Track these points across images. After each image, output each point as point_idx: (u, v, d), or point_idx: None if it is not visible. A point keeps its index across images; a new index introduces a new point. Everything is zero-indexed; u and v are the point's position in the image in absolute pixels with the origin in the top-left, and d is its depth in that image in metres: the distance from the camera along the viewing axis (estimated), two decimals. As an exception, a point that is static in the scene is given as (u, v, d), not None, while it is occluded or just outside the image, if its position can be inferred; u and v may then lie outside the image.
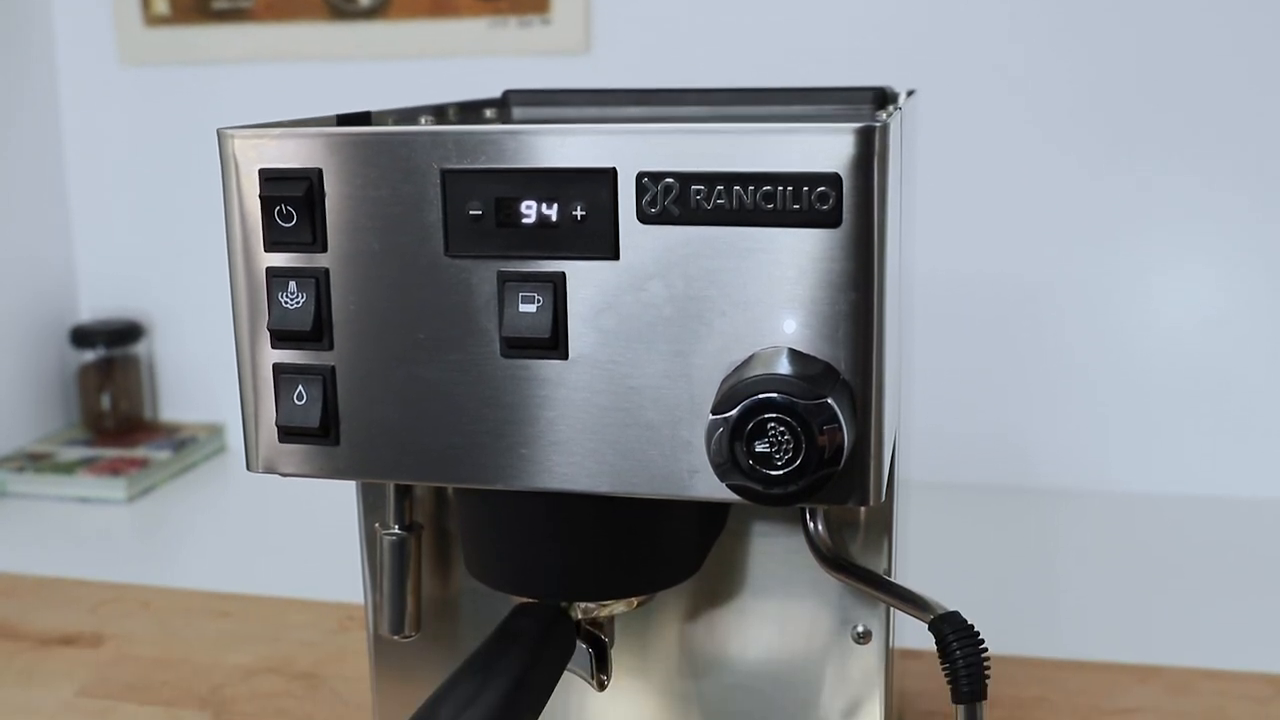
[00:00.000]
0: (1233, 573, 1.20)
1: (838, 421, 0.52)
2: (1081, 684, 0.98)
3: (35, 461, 1.52)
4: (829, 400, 0.51)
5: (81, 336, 1.60)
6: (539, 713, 0.59)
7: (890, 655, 0.71)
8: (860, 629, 0.70)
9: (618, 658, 0.71)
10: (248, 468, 0.61)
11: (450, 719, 0.55)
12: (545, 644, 0.61)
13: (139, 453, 1.54)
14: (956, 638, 0.57)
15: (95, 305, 1.66)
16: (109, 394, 1.61)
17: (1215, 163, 1.33)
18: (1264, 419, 1.37)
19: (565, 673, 0.65)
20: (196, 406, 1.66)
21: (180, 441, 1.58)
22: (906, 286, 0.68)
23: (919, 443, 1.07)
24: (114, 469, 1.49)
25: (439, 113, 0.77)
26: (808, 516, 0.67)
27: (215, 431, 1.62)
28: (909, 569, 0.82)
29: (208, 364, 1.64)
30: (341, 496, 0.79)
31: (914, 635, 0.86)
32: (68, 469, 1.49)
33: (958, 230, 1.37)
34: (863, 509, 0.68)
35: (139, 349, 1.63)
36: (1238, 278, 1.36)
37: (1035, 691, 0.97)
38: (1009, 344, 1.41)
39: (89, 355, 1.60)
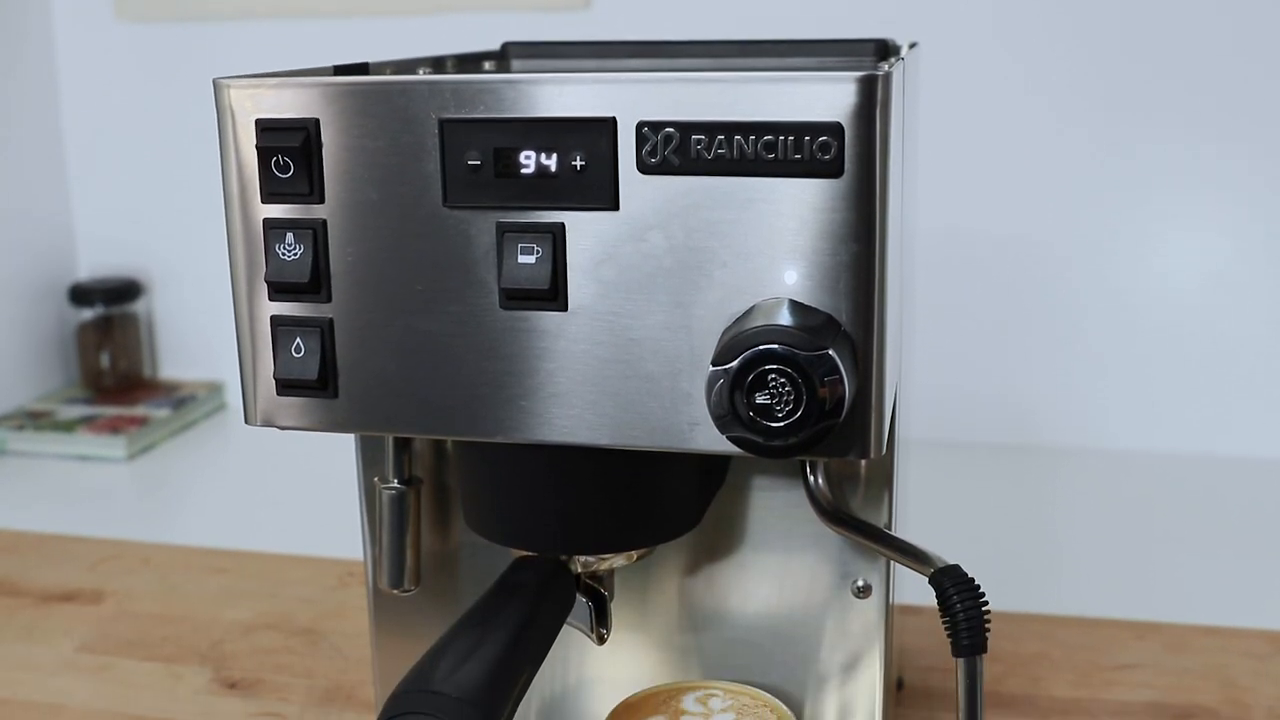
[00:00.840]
0: (1232, 531, 1.20)
1: (839, 373, 0.51)
2: (1080, 640, 0.98)
3: (35, 420, 1.51)
4: (830, 352, 0.51)
5: (80, 295, 1.60)
6: (539, 665, 0.59)
7: (890, 610, 0.71)
8: (860, 583, 0.70)
9: (617, 612, 0.71)
10: (246, 421, 0.61)
11: (450, 672, 0.55)
12: (544, 597, 0.61)
13: (138, 411, 1.54)
14: (957, 591, 0.57)
15: (94, 263, 1.66)
16: (108, 352, 1.60)
17: (1219, 125, 1.32)
18: (1265, 379, 1.36)
19: (565, 627, 0.65)
20: (196, 364, 1.65)
21: (179, 400, 1.57)
22: (908, 240, 0.67)
23: (919, 400, 1.07)
24: (113, 427, 1.48)
25: (437, 64, 0.77)
26: (808, 470, 0.67)
27: (214, 389, 1.62)
28: (909, 526, 0.82)
29: (207, 322, 1.63)
30: (340, 452, 0.79)
31: (913, 592, 0.86)
32: (67, 427, 1.49)
33: (959, 188, 1.36)
34: (863, 463, 0.68)
35: (138, 307, 1.63)
36: (1240, 239, 1.35)
37: (1034, 647, 0.97)
38: (1009, 302, 1.41)
39: (88, 313, 1.60)
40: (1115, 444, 1.40)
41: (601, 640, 0.67)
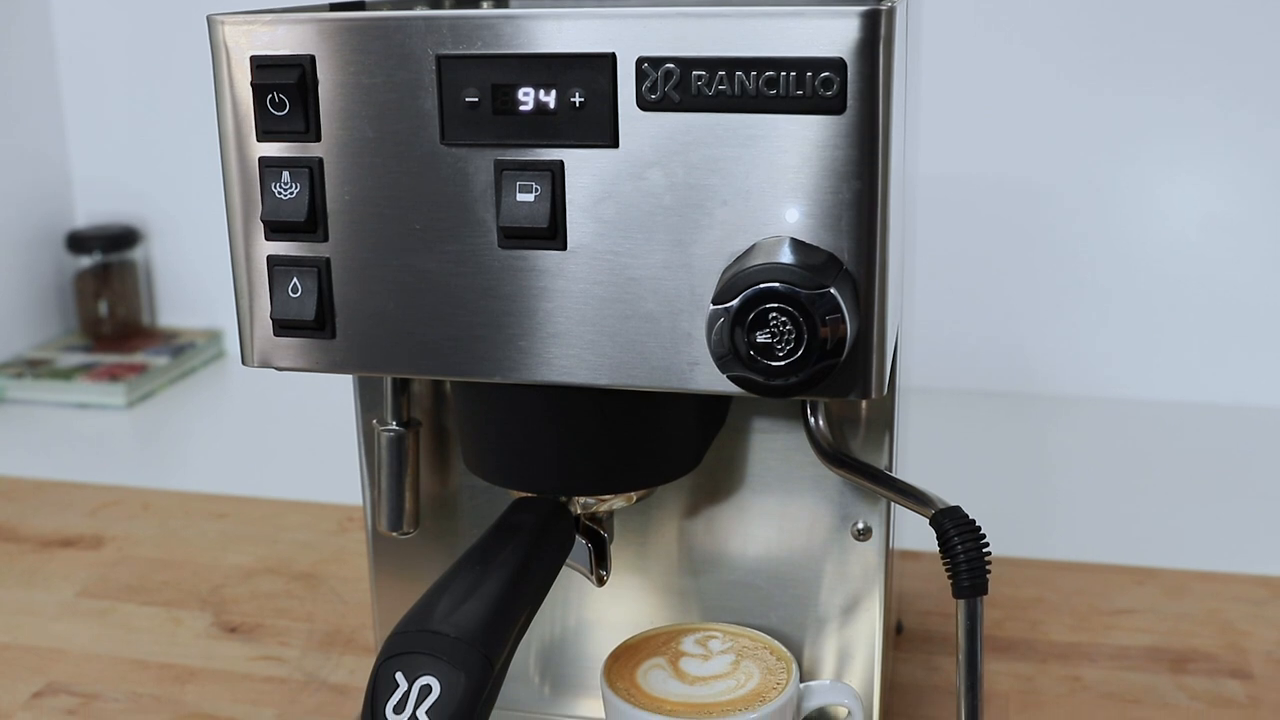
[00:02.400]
0: (1231, 478, 1.20)
1: (840, 312, 0.51)
2: (1078, 585, 0.98)
3: (34, 367, 1.51)
4: (831, 290, 0.51)
5: (78, 242, 1.59)
6: (538, 605, 0.59)
7: (890, 552, 0.71)
8: (860, 525, 0.69)
9: (617, 554, 0.71)
10: (243, 362, 0.61)
11: (449, 611, 0.55)
12: (544, 537, 0.60)
13: (137, 358, 1.54)
14: (958, 532, 0.57)
15: (91, 210, 1.65)
16: (106, 300, 1.60)
17: (1220, 73, 1.31)
18: (1266, 327, 1.36)
19: (564, 568, 0.65)
20: (194, 312, 1.65)
21: (178, 347, 1.57)
22: (910, 180, 0.67)
23: (919, 347, 1.07)
24: (112, 375, 1.48)
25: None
26: (808, 411, 0.66)
27: (213, 337, 1.61)
28: (908, 473, 0.82)
29: (205, 269, 1.63)
30: (339, 398, 0.79)
31: (913, 537, 0.86)
32: (66, 375, 1.49)
33: (961, 134, 1.36)
34: (864, 404, 0.67)
35: (136, 254, 1.62)
36: (1242, 187, 1.34)
37: (1032, 592, 0.97)
38: (1010, 249, 1.40)
39: (85, 261, 1.59)
40: (1115, 392, 1.40)
41: (601, 582, 0.67)
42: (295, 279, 0.58)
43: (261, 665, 0.90)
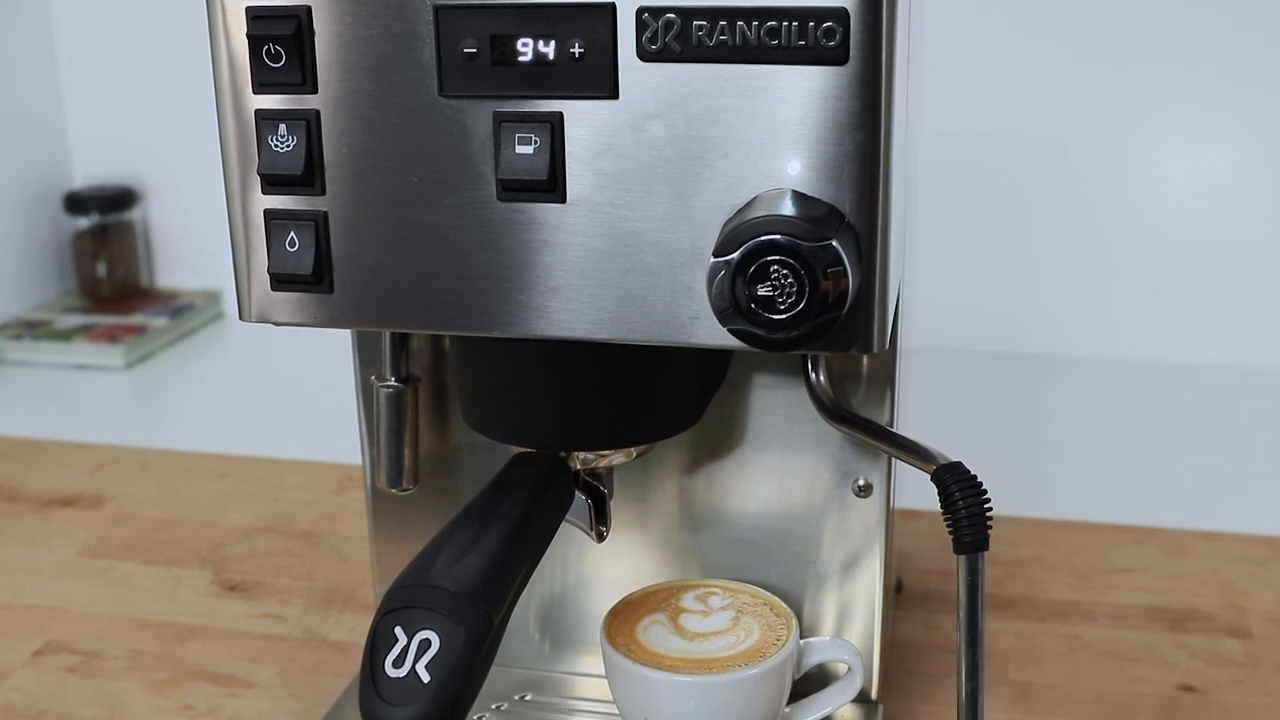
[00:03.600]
0: (1233, 439, 1.20)
1: (842, 265, 0.51)
2: (1078, 544, 0.98)
3: (32, 329, 1.51)
4: (833, 243, 0.50)
5: (75, 203, 1.58)
6: (538, 561, 0.59)
7: (890, 509, 0.71)
8: (861, 482, 0.69)
9: (617, 510, 0.71)
10: (240, 317, 0.60)
11: (448, 565, 0.55)
12: (543, 493, 0.60)
13: (136, 320, 1.53)
14: (959, 487, 0.57)
15: (89, 171, 1.64)
16: (105, 261, 1.59)
17: (1224, 35, 1.30)
18: (1267, 289, 1.35)
19: (564, 525, 0.64)
20: (193, 273, 1.64)
21: (177, 308, 1.57)
22: (912, 135, 0.66)
23: (920, 308, 1.06)
24: (111, 336, 1.48)
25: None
26: (809, 367, 0.66)
27: (212, 298, 1.61)
28: (909, 434, 0.81)
29: (203, 230, 1.62)
30: (339, 360, 0.79)
31: (913, 495, 0.86)
32: (65, 336, 1.48)
33: (964, 95, 1.35)
34: (865, 360, 0.67)
35: (134, 215, 1.61)
36: (1245, 151, 1.33)
37: (1032, 551, 0.97)
38: (1013, 210, 1.39)
39: (83, 222, 1.59)
40: (1116, 353, 1.39)
41: (601, 538, 0.67)
42: (292, 233, 0.58)
43: (261, 623, 0.90)
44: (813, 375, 0.66)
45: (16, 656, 0.87)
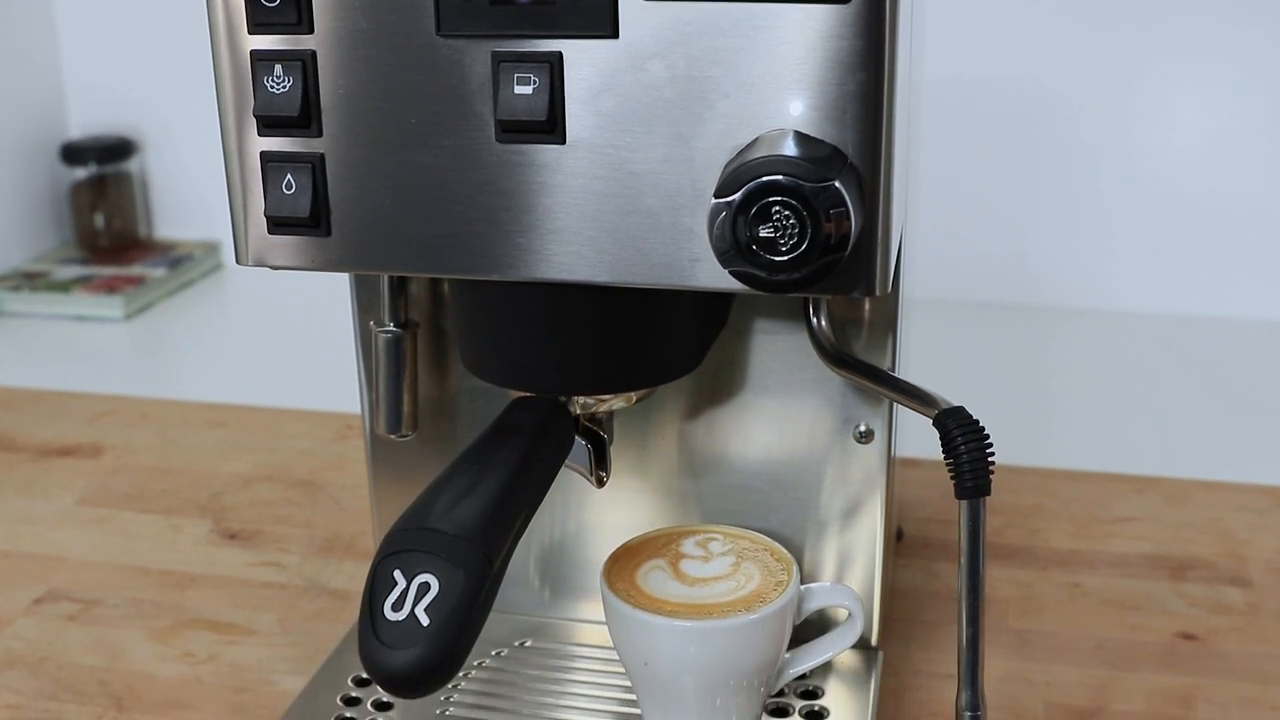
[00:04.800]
0: (1236, 391, 1.20)
1: (845, 206, 0.50)
2: (1079, 493, 0.98)
3: (31, 280, 1.50)
4: (836, 184, 0.50)
5: (72, 153, 1.57)
6: (537, 505, 0.59)
7: (892, 455, 0.70)
8: (863, 428, 0.69)
9: (617, 457, 0.71)
10: (237, 261, 0.60)
11: (447, 508, 0.54)
12: (543, 437, 0.60)
13: (134, 270, 1.53)
14: (961, 432, 0.56)
15: (85, 121, 1.63)
16: (102, 212, 1.58)
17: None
18: (1271, 242, 1.35)
19: (564, 471, 0.64)
20: (191, 224, 1.63)
21: (176, 259, 1.56)
22: (915, 78, 0.65)
23: (922, 257, 1.05)
24: (110, 287, 1.47)
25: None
26: (810, 311, 0.66)
27: (211, 249, 1.60)
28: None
29: (202, 180, 1.61)
30: (337, 310, 0.78)
31: (913, 444, 0.85)
32: (64, 287, 1.48)
33: (968, 42, 1.33)
34: (866, 305, 0.67)
35: (131, 165, 1.60)
36: (1251, 102, 1.32)
37: (1033, 500, 0.97)
38: (1016, 161, 1.38)
39: (80, 173, 1.58)
40: (1119, 305, 1.39)
41: (600, 483, 0.66)
42: (289, 175, 0.57)
43: (261, 571, 0.90)
44: (814, 320, 0.66)
45: (16, 605, 0.87)
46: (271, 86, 0.56)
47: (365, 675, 0.70)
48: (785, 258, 0.51)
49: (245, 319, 1.47)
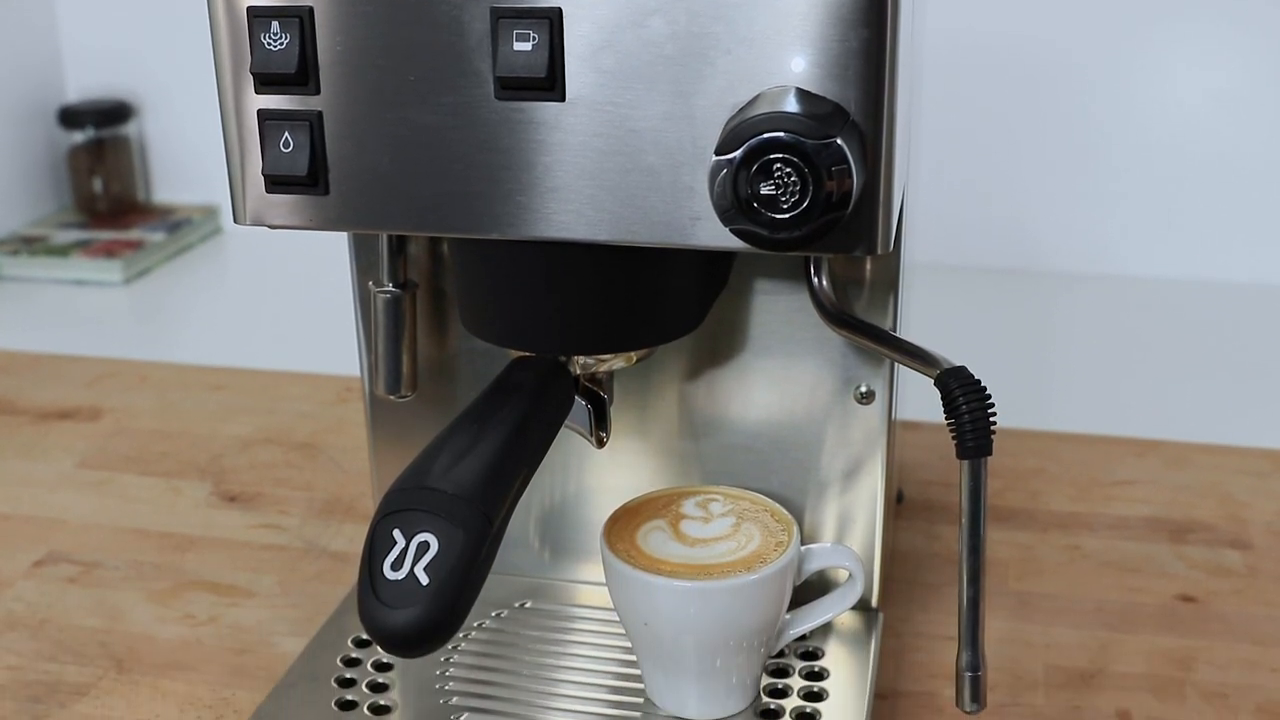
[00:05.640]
0: (1238, 355, 1.19)
1: (846, 163, 0.50)
2: (1080, 456, 0.98)
3: (29, 244, 1.50)
4: (838, 140, 0.49)
5: (70, 117, 1.56)
6: (537, 464, 0.58)
7: (892, 416, 0.70)
8: (863, 389, 0.69)
9: (617, 417, 0.71)
10: (235, 220, 0.60)
11: (447, 468, 0.54)
12: (543, 397, 0.59)
13: (133, 235, 1.52)
14: (963, 392, 0.56)
15: (83, 84, 1.62)
16: (100, 176, 1.58)
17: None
18: (1275, 205, 1.34)
19: (564, 432, 0.64)
20: (190, 188, 1.63)
21: (174, 224, 1.55)
22: (918, 35, 0.65)
23: (923, 221, 1.05)
24: (109, 251, 1.47)
25: None
26: (812, 271, 0.65)
27: (210, 213, 1.60)
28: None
29: (200, 144, 1.60)
30: (336, 274, 0.78)
31: (914, 407, 0.85)
32: (62, 252, 1.47)
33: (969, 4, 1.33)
34: (868, 266, 0.66)
35: (129, 129, 1.59)
36: (1255, 64, 1.31)
37: (1033, 463, 0.97)
38: (1018, 124, 1.38)
39: (78, 136, 1.57)
40: (1122, 269, 1.38)
41: (600, 444, 0.66)
42: (287, 133, 0.57)
43: (261, 533, 0.90)
44: (815, 280, 0.65)
45: (17, 567, 0.87)
46: (268, 44, 0.56)
47: (365, 636, 0.70)
48: (786, 215, 0.50)
49: (244, 283, 1.47)
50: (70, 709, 0.73)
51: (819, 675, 0.68)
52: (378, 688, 0.67)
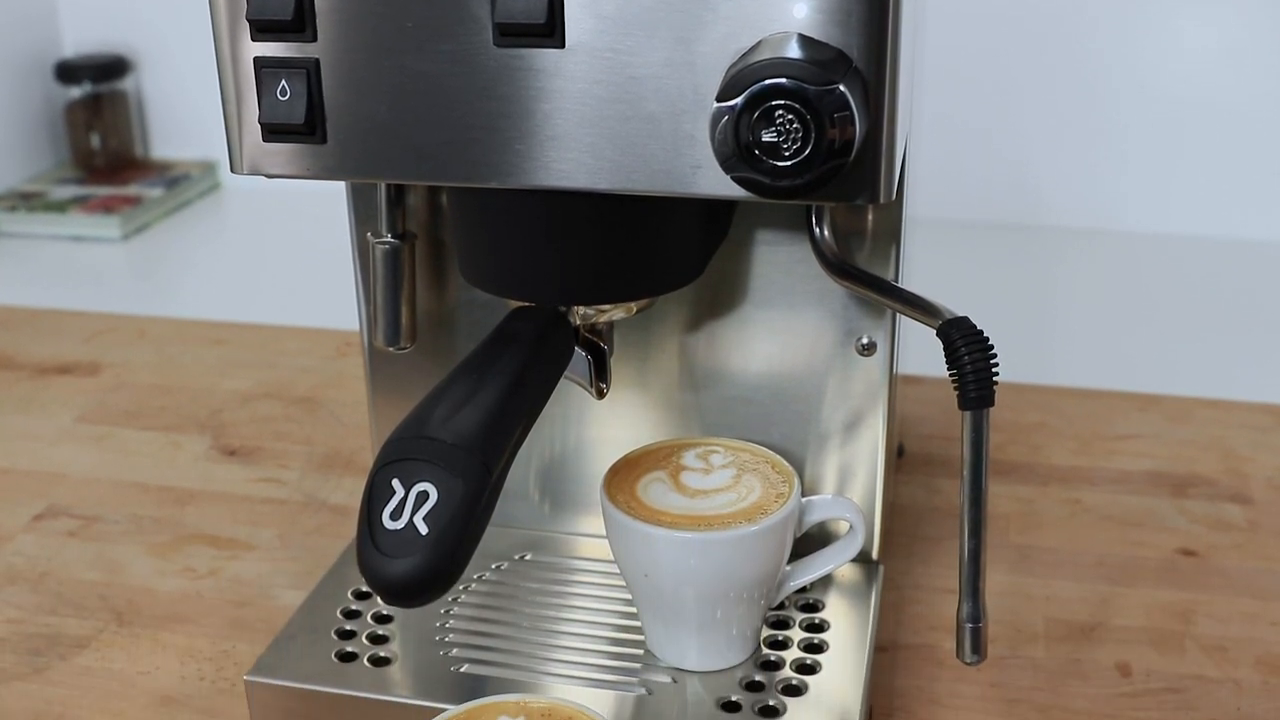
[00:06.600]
0: (1241, 311, 1.19)
1: (849, 110, 0.49)
2: (1081, 411, 0.98)
3: (27, 200, 1.49)
4: (840, 87, 0.49)
5: (66, 72, 1.55)
6: (536, 415, 0.58)
7: (894, 369, 0.70)
8: (865, 341, 0.68)
9: (617, 370, 0.70)
10: (231, 169, 0.59)
11: (446, 417, 0.54)
12: (542, 347, 0.59)
13: (131, 190, 1.51)
14: (965, 342, 0.56)
15: (79, 39, 1.61)
16: (98, 132, 1.57)
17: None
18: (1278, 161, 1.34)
19: (565, 384, 0.64)
20: (188, 143, 1.62)
21: (173, 179, 1.55)
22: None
23: (926, 177, 1.04)
24: (107, 207, 1.46)
25: None
26: (813, 221, 0.65)
27: (208, 169, 1.59)
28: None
29: (198, 99, 1.59)
30: (335, 229, 0.77)
31: (915, 361, 0.85)
32: (60, 208, 1.47)
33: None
34: (870, 216, 0.66)
35: (126, 84, 1.58)
36: (1261, 19, 1.30)
37: (1035, 417, 0.97)
38: (1022, 77, 1.37)
39: (75, 92, 1.56)
40: (1126, 225, 1.38)
41: (601, 395, 0.66)
42: (284, 81, 0.56)
43: (261, 487, 0.90)
44: (816, 230, 0.65)
45: (17, 521, 0.87)
46: (264, -11, 0.55)
47: (366, 589, 0.70)
48: (788, 163, 0.50)
49: (243, 238, 1.46)
50: (71, 661, 0.73)
51: (819, 627, 0.68)
52: (378, 640, 0.67)
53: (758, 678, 0.64)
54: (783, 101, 0.49)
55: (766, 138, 0.50)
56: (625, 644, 0.67)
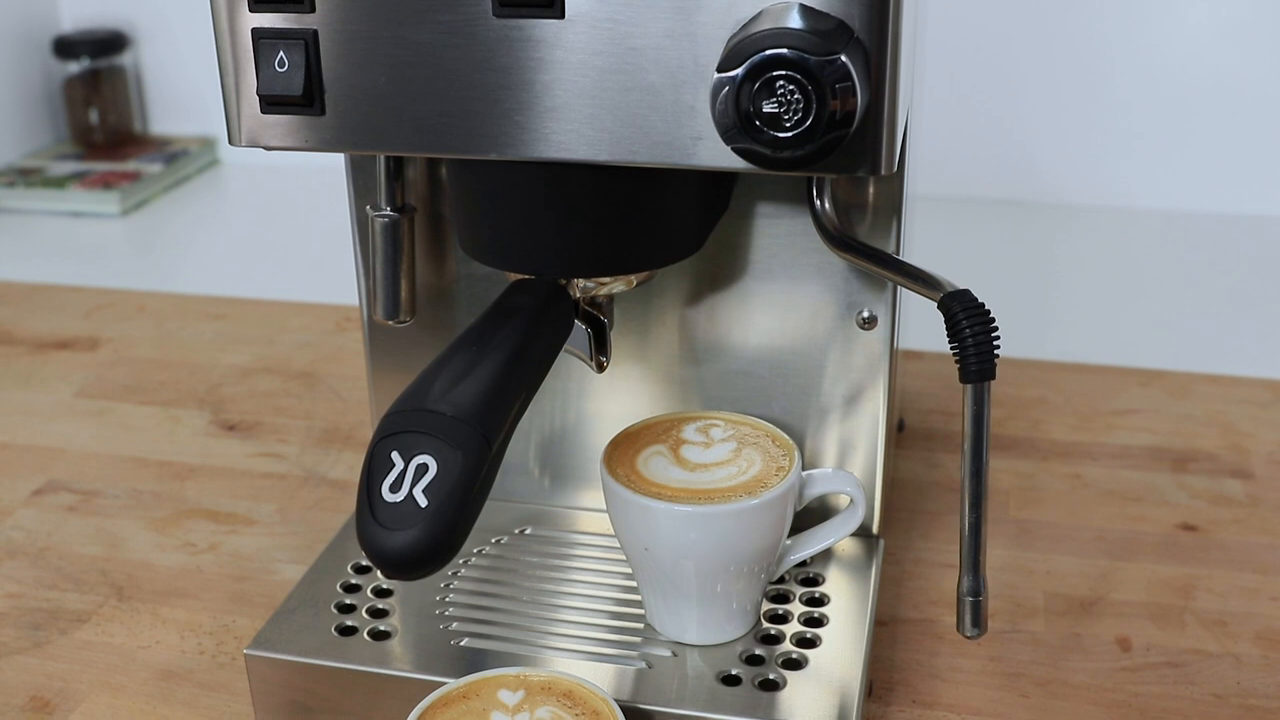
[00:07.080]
0: (1243, 287, 1.19)
1: (850, 81, 0.49)
2: (1081, 386, 0.98)
3: (25, 176, 1.49)
4: (842, 58, 0.49)
5: (64, 47, 1.55)
6: (536, 387, 0.58)
7: (895, 342, 0.70)
8: (866, 314, 0.68)
9: (617, 343, 0.70)
10: (230, 142, 0.59)
11: (446, 390, 0.54)
12: (542, 319, 0.59)
13: (130, 166, 1.51)
14: (966, 315, 0.55)
15: (77, 14, 1.60)
16: (96, 108, 1.56)
17: None
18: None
19: (564, 357, 0.63)
20: (187, 119, 1.62)
21: (172, 155, 1.54)
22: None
23: (927, 153, 1.04)
24: (106, 183, 1.46)
25: None
26: (814, 193, 0.64)
27: (207, 145, 1.59)
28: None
29: (197, 75, 1.59)
30: (334, 205, 0.77)
31: (915, 337, 0.85)
32: (59, 183, 1.46)
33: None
34: (871, 189, 0.65)
35: (125, 60, 1.58)
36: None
37: (1035, 392, 0.96)
38: (1024, 53, 1.36)
39: (73, 67, 1.55)
40: (1128, 201, 1.38)
41: (601, 368, 0.65)
42: (282, 52, 0.56)
43: (260, 462, 0.90)
44: (817, 202, 0.64)
45: (16, 495, 0.87)
46: (262, -41, 0.55)
47: (365, 563, 0.70)
48: (789, 134, 0.49)
49: (242, 214, 1.46)
50: (71, 636, 0.73)
51: (819, 601, 0.68)
52: (378, 613, 0.67)
53: (758, 651, 0.64)
54: (784, 72, 0.49)
55: (767, 108, 0.49)
56: (625, 618, 0.67)
